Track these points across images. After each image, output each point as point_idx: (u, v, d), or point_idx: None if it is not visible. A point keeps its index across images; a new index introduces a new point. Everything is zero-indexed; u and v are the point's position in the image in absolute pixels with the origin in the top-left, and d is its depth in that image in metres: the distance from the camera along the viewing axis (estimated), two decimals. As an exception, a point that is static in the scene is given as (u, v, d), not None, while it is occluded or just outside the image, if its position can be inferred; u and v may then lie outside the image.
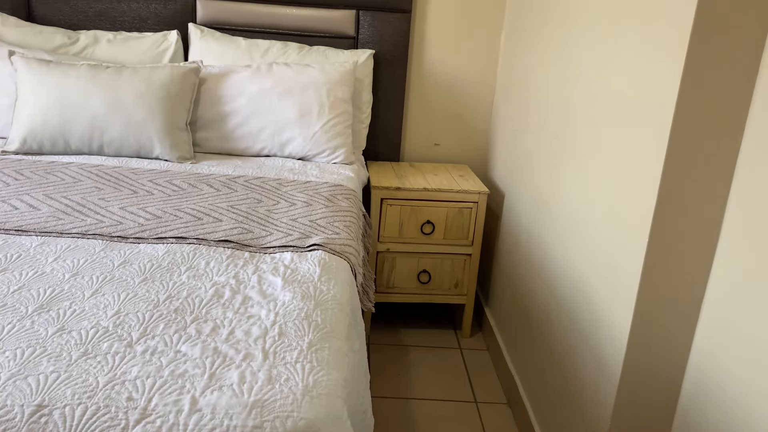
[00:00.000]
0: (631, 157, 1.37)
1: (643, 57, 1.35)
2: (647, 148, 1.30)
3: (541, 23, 2.10)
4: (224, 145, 2.30)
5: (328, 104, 2.31)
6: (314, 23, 2.52)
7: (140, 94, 2.10)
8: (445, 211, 2.36)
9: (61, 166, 1.97)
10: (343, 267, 1.50)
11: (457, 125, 2.74)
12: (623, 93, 1.43)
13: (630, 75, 1.40)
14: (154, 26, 2.48)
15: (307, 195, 1.92)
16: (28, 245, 1.45)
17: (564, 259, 1.75)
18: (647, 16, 1.34)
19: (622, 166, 1.41)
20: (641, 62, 1.35)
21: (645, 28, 1.34)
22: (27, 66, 2.13)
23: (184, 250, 1.48)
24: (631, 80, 1.40)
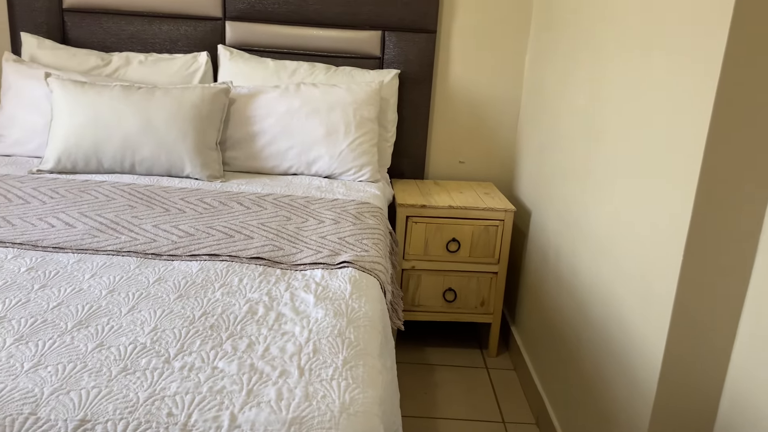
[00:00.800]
0: (664, 173, 1.37)
1: (674, 71, 1.35)
2: (681, 163, 1.29)
3: (567, 40, 2.11)
4: (253, 163, 2.33)
5: (355, 123, 2.34)
6: (341, 44, 2.55)
7: (172, 114, 2.15)
8: (470, 229, 2.36)
9: (95, 185, 2.01)
10: (373, 284, 1.51)
11: (481, 143, 2.75)
12: (654, 109, 1.43)
13: (661, 91, 1.40)
14: (185, 48, 2.53)
15: (335, 213, 1.94)
16: (65, 262, 1.48)
17: (595, 278, 1.74)
18: (678, 28, 1.34)
19: (655, 183, 1.41)
20: (673, 77, 1.35)
21: (676, 39, 1.35)
22: (62, 87, 2.19)
23: (217, 267, 1.50)
24: (662, 96, 1.40)
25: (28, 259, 1.48)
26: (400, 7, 2.51)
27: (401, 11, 2.52)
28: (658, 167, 1.40)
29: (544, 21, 2.42)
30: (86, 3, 2.50)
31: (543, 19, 2.44)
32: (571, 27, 2.08)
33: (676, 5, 1.36)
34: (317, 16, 2.52)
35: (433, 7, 2.53)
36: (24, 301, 1.27)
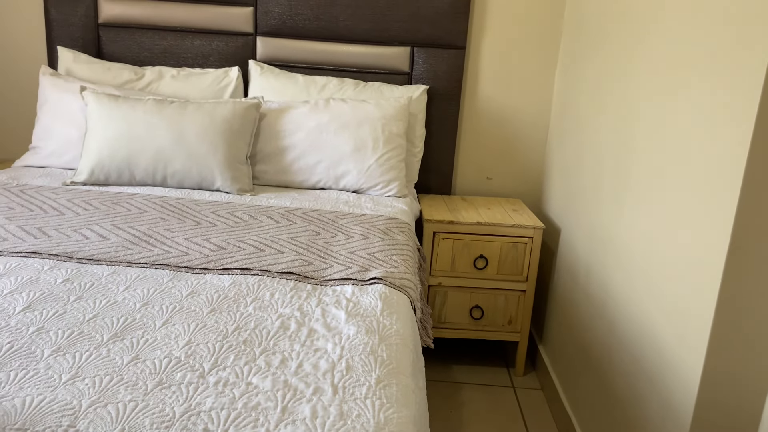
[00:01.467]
0: (701, 193, 1.34)
1: (712, 89, 1.33)
2: (720, 183, 1.27)
3: (599, 57, 2.10)
4: (282, 177, 2.35)
5: (383, 138, 2.34)
6: (370, 60, 2.57)
7: (204, 128, 2.17)
8: (498, 246, 2.35)
9: (127, 197, 2.04)
10: (403, 301, 1.50)
11: (509, 159, 2.73)
12: (691, 127, 1.41)
13: (698, 109, 1.38)
14: (216, 63, 2.57)
15: (364, 228, 1.94)
16: (100, 274, 1.49)
17: (627, 297, 1.71)
18: (717, 51, 1.32)
19: (691, 203, 1.39)
20: (710, 95, 1.33)
21: (714, 63, 1.33)
22: (97, 101, 2.23)
23: (249, 281, 1.51)
24: (699, 115, 1.38)
25: (64, 270, 1.50)
26: (429, 23, 2.53)
27: (430, 28, 2.53)
28: (694, 187, 1.38)
29: (574, 38, 2.41)
30: (121, 18, 2.55)
31: (573, 36, 2.43)
32: (602, 44, 2.07)
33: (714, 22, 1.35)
34: (347, 33, 2.54)
35: (462, 24, 2.54)
36: (61, 313, 1.29)
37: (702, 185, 1.35)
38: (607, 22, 2.03)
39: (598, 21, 2.13)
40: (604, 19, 2.06)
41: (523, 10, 2.58)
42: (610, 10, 2.02)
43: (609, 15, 2.02)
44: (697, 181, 1.37)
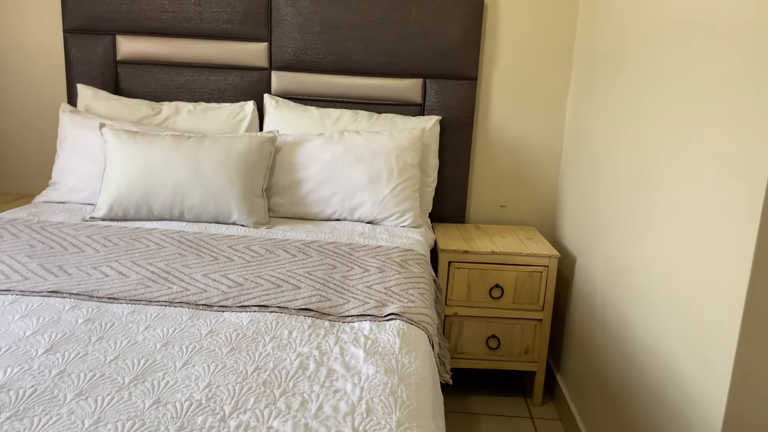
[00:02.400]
0: (720, 226, 1.34)
1: (730, 126, 1.33)
2: (738, 217, 1.27)
3: (611, 86, 2.11)
4: (297, 209, 2.37)
5: (397, 169, 2.36)
6: (383, 92, 2.60)
7: (220, 163, 2.20)
8: (514, 275, 2.34)
9: (145, 233, 2.06)
10: (422, 338, 1.50)
11: (523, 187, 2.74)
12: (708, 160, 1.41)
13: (715, 139, 1.39)
14: (232, 97, 2.61)
15: (380, 260, 1.94)
16: (120, 313, 1.51)
17: (646, 330, 1.70)
18: (734, 79, 1.33)
19: (709, 237, 1.38)
20: (728, 131, 1.34)
21: (732, 90, 1.33)
22: (116, 137, 2.27)
23: (267, 318, 1.51)
24: (716, 148, 1.38)
25: (84, 310, 1.51)
26: (441, 56, 2.56)
27: (442, 60, 2.56)
28: (713, 220, 1.37)
29: (585, 68, 2.43)
30: (139, 55, 2.60)
31: (584, 67, 2.44)
32: (615, 76, 2.08)
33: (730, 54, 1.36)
34: (360, 66, 2.58)
35: (473, 56, 2.56)
36: (82, 354, 1.30)
37: (721, 218, 1.35)
38: (621, 55, 2.05)
39: (610, 53, 2.15)
40: (617, 51, 2.07)
41: (533, 41, 2.61)
42: (622, 43, 2.04)
43: (622, 48, 2.04)
44: (716, 213, 1.37)
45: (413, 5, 2.52)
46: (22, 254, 1.84)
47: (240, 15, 2.54)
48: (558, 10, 2.58)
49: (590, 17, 2.41)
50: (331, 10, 2.53)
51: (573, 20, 2.58)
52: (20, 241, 1.94)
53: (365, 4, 2.53)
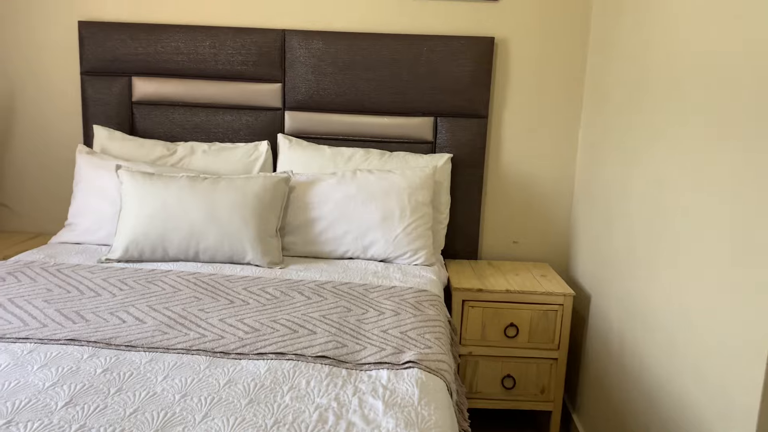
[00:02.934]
0: (742, 268, 1.33)
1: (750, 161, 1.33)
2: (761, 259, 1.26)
3: (623, 122, 2.12)
4: (310, 248, 2.38)
5: (410, 208, 2.37)
6: (394, 130, 2.62)
7: (235, 203, 2.22)
8: (529, 314, 2.33)
9: (161, 275, 2.07)
10: (440, 386, 1.49)
11: (535, 223, 2.74)
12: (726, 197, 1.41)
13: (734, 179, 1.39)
14: (246, 137, 2.64)
15: (394, 302, 1.94)
16: (138, 362, 1.51)
17: (665, 371, 1.68)
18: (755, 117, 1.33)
19: (732, 278, 1.37)
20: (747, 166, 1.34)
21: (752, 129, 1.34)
22: (132, 179, 2.29)
23: (284, 367, 1.51)
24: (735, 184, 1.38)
25: (103, 358, 1.52)
26: (451, 94, 2.58)
27: (453, 99, 2.59)
28: (734, 261, 1.37)
29: (596, 105, 2.45)
30: (154, 96, 2.64)
31: (595, 104, 2.46)
32: (628, 110, 2.10)
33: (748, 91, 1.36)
34: (372, 105, 2.61)
35: (484, 95, 2.59)
36: (102, 408, 1.30)
37: (743, 259, 1.34)
38: (635, 92, 2.06)
39: (623, 89, 2.16)
40: (631, 88, 2.09)
41: (543, 78, 2.63)
42: (636, 80, 2.05)
43: (636, 84, 2.05)
44: (736, 252, 1.36)
45: (424, 46, 2.56)
46: (40, 299, 1.85)
47: (254, 57, 2.58)
48: (568, 48, 2.61)
49: (601, 54, 2.43)
50: (343, 52, 2.57)
51: (583, 58, 2.61)
52: (37, 284, 1.96)
53: (377, 46, 2.56)
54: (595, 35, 2.53)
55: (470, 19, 2.61)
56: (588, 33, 2.59)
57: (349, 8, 2.62)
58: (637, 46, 2.03)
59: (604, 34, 2.40)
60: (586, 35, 2.59)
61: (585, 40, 2.60)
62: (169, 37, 2.59)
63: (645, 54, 1.95)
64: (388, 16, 2.62)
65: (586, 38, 2.60)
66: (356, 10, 2.62)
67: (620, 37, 2.20)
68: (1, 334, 1.61)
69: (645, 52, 1.96)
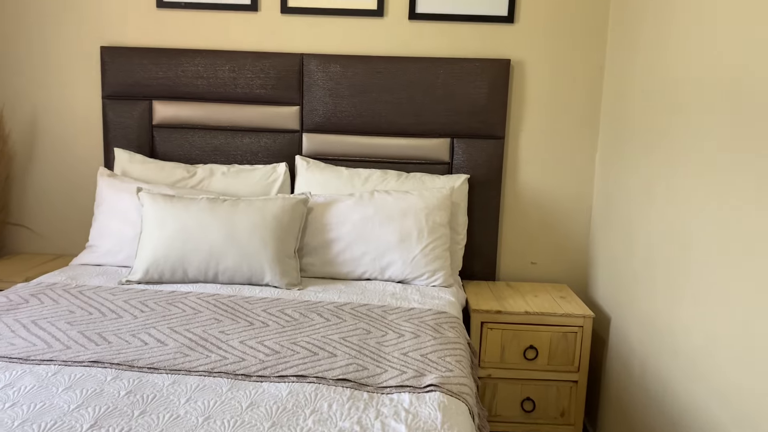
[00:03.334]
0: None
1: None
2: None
3: (642, 141, 2.12)
4: (328, 269, 2.38)
5: (427, 229, 2.38)
6: (411, 151, 2.64)
7: (254, 225, 2.24)
8: (548, 336, 2.31)
9: (181, 296, 2.08)
10: (462, 410, 1.48)
11: (553, 243, 2.73)
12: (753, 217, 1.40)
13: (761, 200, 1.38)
14: (264, 159, 2.66)
15: (414, 324, 1.94)
16: (161, 384, 1.52)
17: (690, 397, 1.66)
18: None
19: (758, 298, 1.36)
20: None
21: (769, 170, 1.33)
22: (152, 201, 2.32)
23: (305, 390, 1.51)
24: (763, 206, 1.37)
25: (126, 381, 1.52)
26: (468, 116, 2.60)
27: (469, 120, 2.60)
28: (761, 282, 1.35)
29: (615, 125, 2.45)
30: (174, 119, 2.68)
31: (614, 124, 2.46)
32: (648, 129, 2.09)
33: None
34: (389, 127, 2.63)
35: (500, 116, 2.60)
36: (126, 430, 1.31)
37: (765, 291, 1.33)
38: (655, 110, 2.06)
39: (643, 108, 2.16)
40: (651, 106, 2.09)
41: (560, 98, 2.65)
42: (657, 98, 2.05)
43: (656, 103, 2.05)
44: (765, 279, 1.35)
45: (440, 68, 2.58)
46: (63, 321, 1.87)
47: (273, 80, 2.62)
48: (584, 68, 2.62)
49: (618, 75, 2.44)
50: (360, 75, 2.60)
51: (600, 78, 2.62)
52: (60, 306, 1.98)
53: (393, 68, 2.59)
54: (611, 55, 2.54)
55: (486, 41, 2.63)
56: (604, 53, 2.60)
57: (365, 32, 2.65)
58: (655, 67, 2.03)
59: (620, 54, 2.41)
60: (602, 56, 2.61)
61: (601, 62, 2.61)
62: (190, 62, 2.64)
63: (664, 74, 1.96)
64: (405, 39, 2.65)
65: (602, 59, 2.61)
66: (373, 34, 2.65)
67: (637, 57, 2.21)
68: (26, 355, 1.63)
69: (664, 73, 1.96)
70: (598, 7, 2.59)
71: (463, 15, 2.61)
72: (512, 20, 2.61)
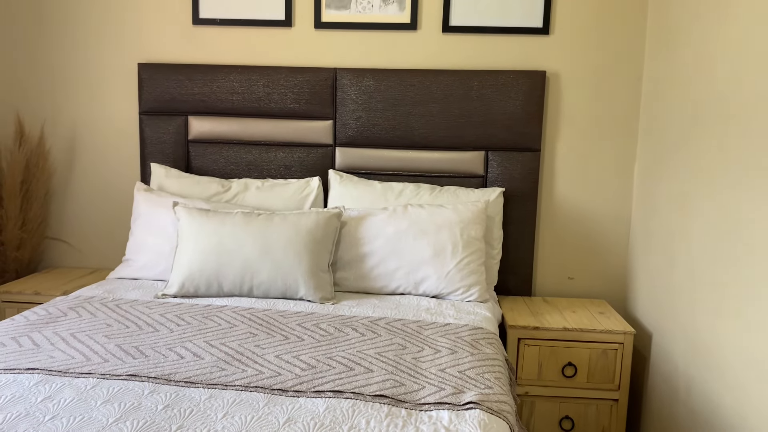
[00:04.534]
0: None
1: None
2: None
3: (686, 152, 2.06)
4: (362, 284, 2.36)
5: (462, 243, 2.34)
6: (444, 165, 2.62)
7: (289, 239, 2.24)
8: (587, 353, 2.25)
9: (216, 310, 2.09)
10: (503, 428, 1.44)
11: (590, 258, 2.67)
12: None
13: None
14: (298, 173, 2.67)
15: (450, 340, 1.91)
16: (197, 399, 1.51)
17: (739, 419, 1.59)
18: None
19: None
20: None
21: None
22: (188, 215, 2.34)
23: (342, 405, 1.49)
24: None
25: (163, 395, 1.52)
26: (503, 129, 2.57)
27: (504, 133, 2.57)
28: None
29: (654, 133, 2.40)
30: (209, 134, 2.71)
31: (653, 136, 2.41)
32: (689, 138, 2.04)
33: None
34: (422, 140, 2.61)
35: (536, 128, 2.57)
36: (164, 445, 1.30)
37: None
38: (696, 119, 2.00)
39: (679, 124, 2.11)
40: (687, 122, 2.04)
41: (596, 109, 2.60)
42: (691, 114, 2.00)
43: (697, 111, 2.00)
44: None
45: (474, 81, 2.56)
46: (100, 334, 1.88)
47: (306, 95, 2.63)
48: (622, 80, 2.57)
49: (656, 88, 2.39)
50: (393, 88, 2.59)
51: (638, 91, 2.57)
52: (97, 319, 1.99)
53: (426, 81, 2.58)
54: (649, 67, 2.49)
55: (521, 53, 2.61)
56: (642, 65, 2.55)
57: (399, 45, 2.65)
58: (695, 79, 1.98)
59: (659, 66, 2.37)
60: (640, 68, 2.56)
61: (639, 73, 2.56)
62: (225, 78, 2.66)
63: (704, 88, 1.91)
64: (438, 52, 2.64)
65: (640, 71, 2.56)
66: (407, 47, 2.65)
67: (676, 69, 2.16)
68: (66, 368, 1.64)
69: (704, 86, 1.91)
70: (634, 17, 2.54)
71: (498, 27, 2.59)
72: (547, 32, 2.58)
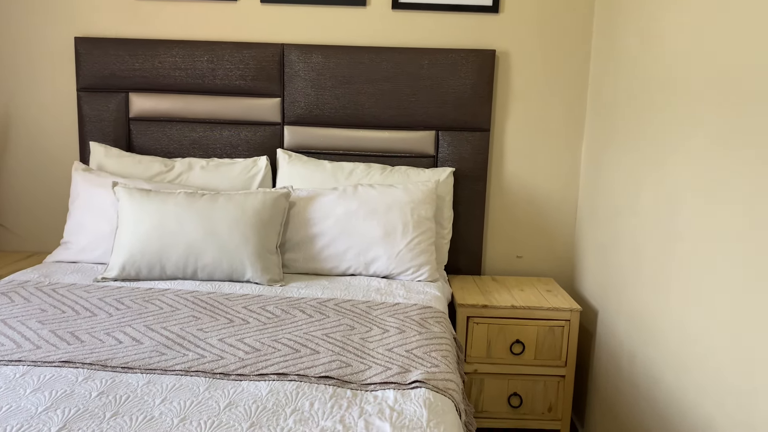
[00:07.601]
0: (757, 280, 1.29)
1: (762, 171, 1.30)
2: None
3: (626, 133, 2.09)
4: (311, 265, 2.33)
5: (412, 223, 2.33)
6: (395, 144, 2.59)
7: (235, 220, 2.18)
8: (535, 330, 2.28)
9: (158, 294, 2.02)
10: (449, 407, 1.44)
11: (539, 237, 2.70)
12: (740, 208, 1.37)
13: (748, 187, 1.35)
14: (245, 152, 2.60)
15: (398, 320, 1.89)
16: (135, 384, 1.46)
17: (680, 392, 1.63)
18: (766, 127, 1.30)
19: (747, 291, 1.33)
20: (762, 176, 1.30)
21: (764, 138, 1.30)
22: (129, 196, 2.25)
23: (286, 388, 1.46)
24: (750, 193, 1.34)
25: (98, 381, 1.46)
26: (453, 108, 2.55)
27: (454, 112, 2.55)
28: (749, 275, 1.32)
29: (601, 115, 2.42)
30: (151, 112, 2.61)
31: (600, 116, 2.43)
32: (636, 121, 2.06)
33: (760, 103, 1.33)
34: (372, 119, 2.58)
35: (486, 108, 2.56)
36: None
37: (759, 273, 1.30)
38: (643, 102, 2.03)
39: (629, 101, 2.13)
40: (639, 99, 2.06)
41: (545, 90, 2.61)
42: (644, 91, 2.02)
43: (644, 95, 2.02)
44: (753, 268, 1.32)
45: (425, 59, 2.53)
46: (34, 320, 1.79)
47: (253, 72, 2.55)
48: (570, 59, 2.59)
49: (604, 65, 2.41)
50: (342, 66, 2.54)
51: (586, 69, 2.58)
52: (31, 305, 1.90)
53: (377, 59, 2.54)
54: (597, 45, 2.51)
55: (471, 31, 2.59)
56: (590, 44, 2.57)
57: (348, 22, 2.59)
58: (642, 56, 2.00)
59: (607, 45, 2.38)
60: (588, 46, 2.57)
61: (587, 51, 2.58)
62: (167, 53, 2.56)
63: (651, 65, 1.93)
64: (388, 29, 2.59)
65: (588, 49, 2.57)
66: (356, 24, 2.59)
67: (624, 47, 2.18)
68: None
69: (650, 63, 1.93)
70: (583, -3, 2.55)
71: (447, 5, 2.56)
72: (497, 10, 2.56)
